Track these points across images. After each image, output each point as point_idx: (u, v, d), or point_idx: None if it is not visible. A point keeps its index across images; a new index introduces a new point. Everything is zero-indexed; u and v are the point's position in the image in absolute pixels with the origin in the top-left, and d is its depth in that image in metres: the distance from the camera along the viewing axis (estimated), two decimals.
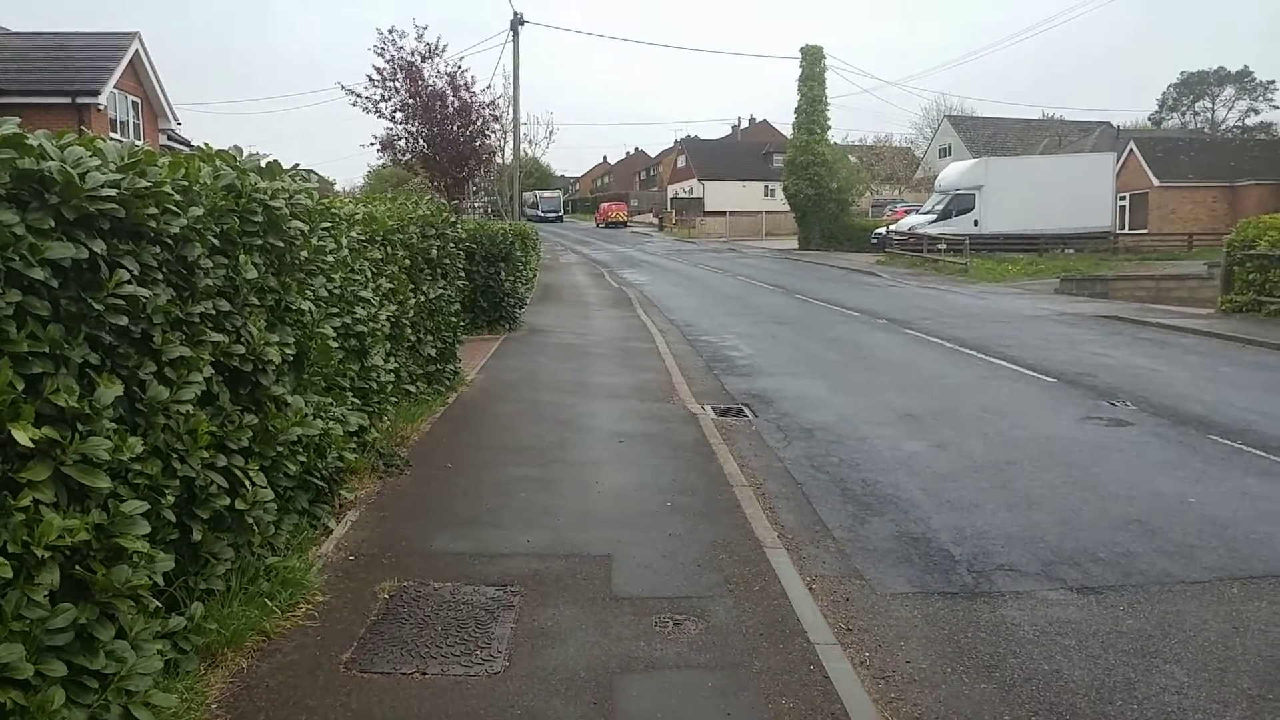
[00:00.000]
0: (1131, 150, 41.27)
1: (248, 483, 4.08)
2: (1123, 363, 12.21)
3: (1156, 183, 39.80)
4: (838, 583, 5.13)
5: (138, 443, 3.21)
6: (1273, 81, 74.44)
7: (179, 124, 26.92)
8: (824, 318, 18.32)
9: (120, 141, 4.51)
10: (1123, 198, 38.88)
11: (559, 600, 4.51)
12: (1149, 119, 77.32)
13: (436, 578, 4.74)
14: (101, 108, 21.70)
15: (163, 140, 25.39)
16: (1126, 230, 38.81)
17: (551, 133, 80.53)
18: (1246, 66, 76.85)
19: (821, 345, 14.51)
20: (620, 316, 18.61)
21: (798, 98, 43.40)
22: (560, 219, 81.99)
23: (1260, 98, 76.43)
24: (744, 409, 9.66)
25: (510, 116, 31.07)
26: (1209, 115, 78.78)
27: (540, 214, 77.24)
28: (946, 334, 15.20)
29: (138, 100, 24.18)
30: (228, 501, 3.92)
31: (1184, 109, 79.60)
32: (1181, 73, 79.44)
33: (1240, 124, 75.97)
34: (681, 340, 15.20)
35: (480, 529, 5.54)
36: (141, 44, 23.53)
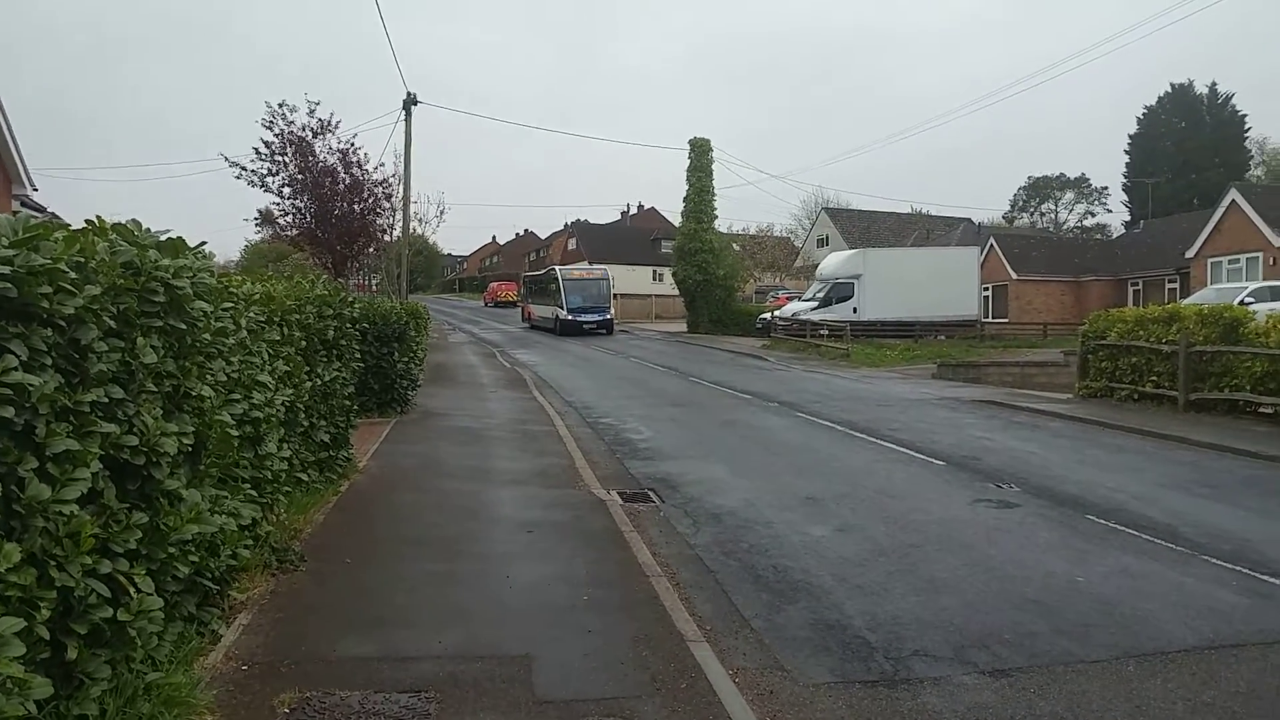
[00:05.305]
0: (992, 246, 44.57)
1: (132, 590, 3.70)
2: (1003, 446, 12.83)
3: (1014, 276, 42.97)
4: (760, 675, 5.05)
5: (15, 550, 2.88)
6: (1105, 188, 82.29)
7: (35, 190, 25.39)
8: (718, 400, 18.59)
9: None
10: (986, 289, 41.65)
11: (479, 706, 4.25)
12: (1004, 217, 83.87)
13: (343, 686, 4.39)
14: None
15: (15, 206, 23.82)
16: (990, 319, 41.51)
17: (443, 212, 74.50)
18: (1084, 174, 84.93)
19: (719, 428, 14.68)
20: (516, 398, 18.37)
21: (686, 187, 45.00)
22: (608, 327, 42.71)
23: (1095, 202, 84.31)
24: (650, 494, 9.60)
25: (401, 194, 30.86)
26: (1053, 216, 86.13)
27: (566, 316, 41.55)
28: (837, 417, 15.65)
29: None
30: (109, 613, 3.53)
31: (1032, 209, 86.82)
32: (1029, 177, 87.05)
33: (1080, 225, 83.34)
34: (581, 423, 15.09)
35: (388, 630, 5.21)
36: None
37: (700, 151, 44.85)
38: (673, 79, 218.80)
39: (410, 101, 29.41)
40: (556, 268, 46.86)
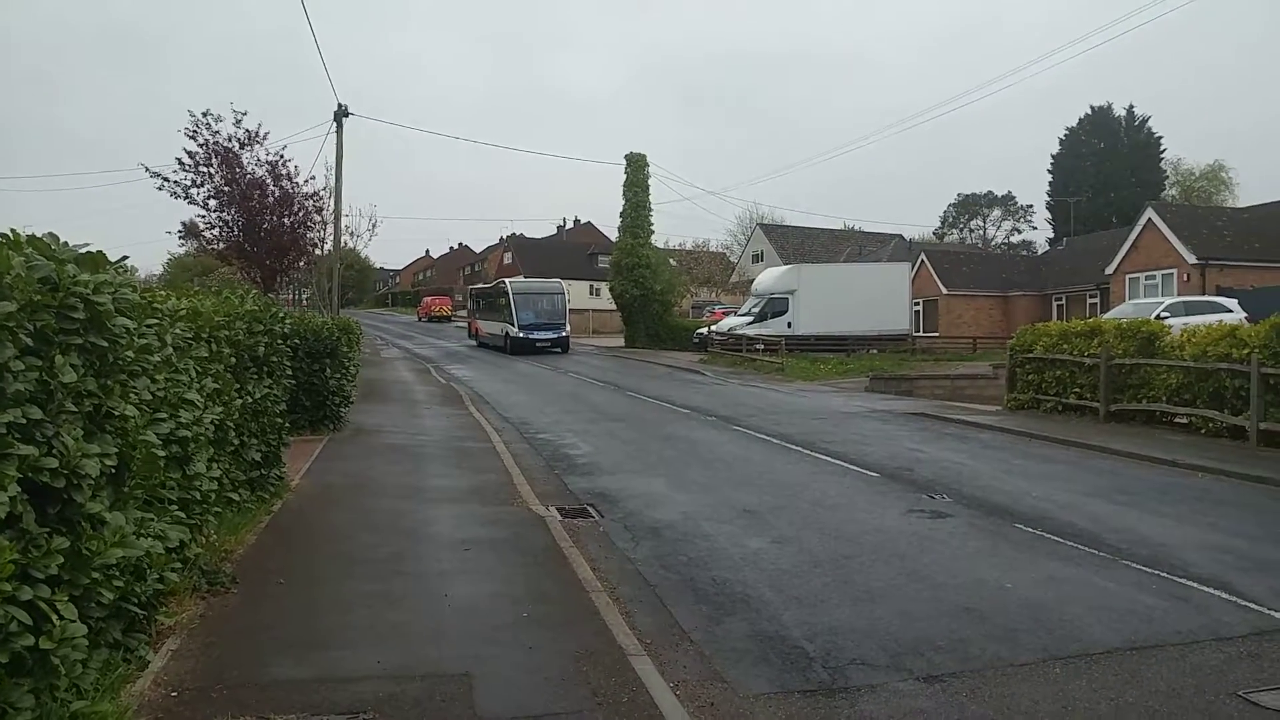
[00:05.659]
0: (923, 261, 45.77)
1: (55, 617, 3.56)
2: (934, 457, 13.14)
3: (945, 291, 44.16)
4: (701, 687, 5.07)
5: None
6: (1031, 206, 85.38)
7: None
8: (657, 415, 18.66)
9: None
10: (917, 303, 42.69)
11: None
12: (934, 233, 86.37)
13: (278, 710, 4.28)
14: None
15: None
16: (921, 333, 42.56)
17: (375, 225, 72.92)
18: (1010, 192, 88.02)
19: (657, 442, 14.73)
20: (452, 414, 18.15)
21: (623, 202, 45.08)
22: (564, 345, 40.08)
23: (1021, 219, 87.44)
24: (589, 509, 9.58)
25: (332, 207, 30.33)
26: (982, 232, 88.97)
27: (517, 334, 38.38)
28: (773, 430, 15.84)
29: None
30: (31, 641, 3.40)
31: (961, 226, 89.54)
32: (959, 194, 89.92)
33: (1007, 241, 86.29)
34: (519, 439, 14.99)
35: (324, 651, 5.10)
36: None
37: (637, 166, 45.00)
38: (610, 95, 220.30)
39: (341, 113, 28.99)
40: (506, 280, 43.03)
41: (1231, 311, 23.28)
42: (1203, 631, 5.93)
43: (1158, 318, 21.32)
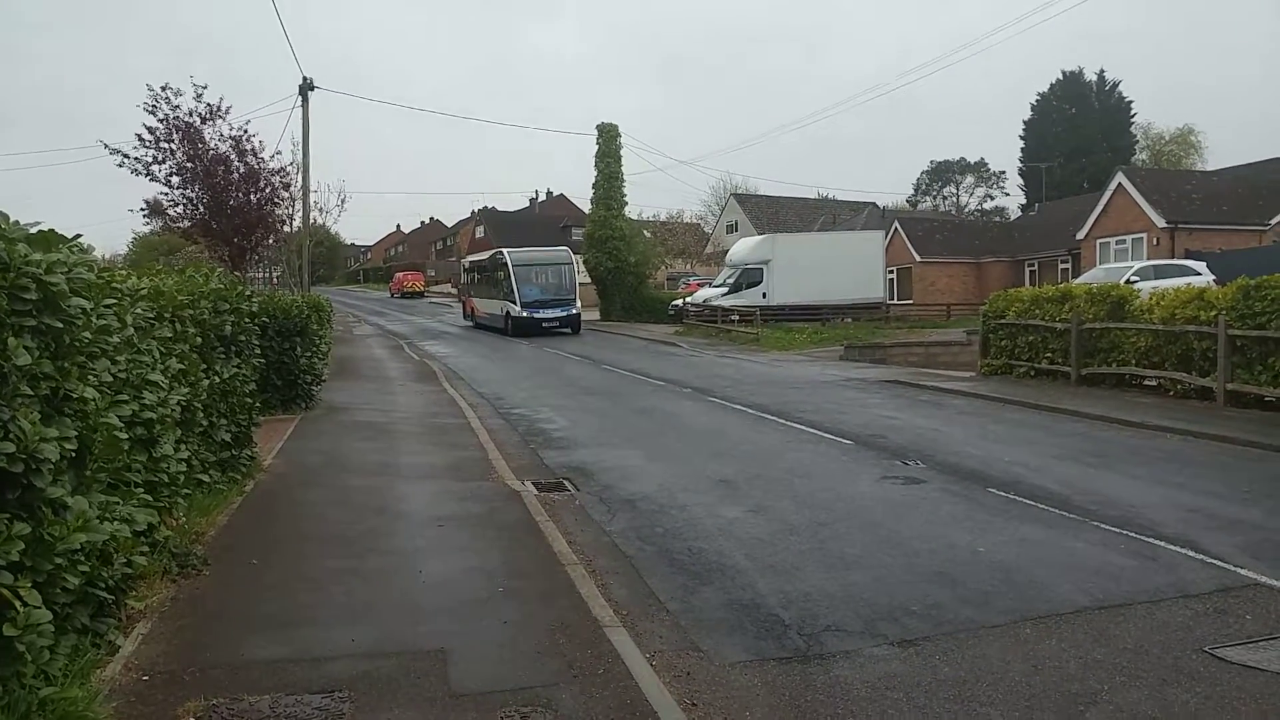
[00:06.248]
0: (897, 229, 45.90)
1: (18, 604, 3.49)
2: (908, 424, 13.23)
3: (918, 258, 44.37)
4: (676, 657, 5.10)
5: None
6: (1003, 172, 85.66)
7: None
8: (632, 388, 18.66)
9: None
10: (891, 271, 42.80)
11: (394, 703, 4.18)
12: (907, 201, 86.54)
13: (252, 690, 4.24)
14: None
15: None
16: (895, 301, 42.75)
17: (344, 201, 71.22)
18: (983, 158, 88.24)
19: (633, 415, 14.74)
20: (426, 391, 18.05)
21: (595, 174, 44.63)
22: (574, 324, 35.34)
23: (994, 186, 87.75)
24: (565, 483, 9.57)
25: (300, 183, 29.81)
26: (955, 199, 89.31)
27: (519, 313, 34.11)
28: (748, 401, 15.88)
29: None
30: None
31: (934, 193, 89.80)
32: (931, 161, 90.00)
33: (979, 208, 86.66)
34: (494, 414, 14.93)
35: (297, 630, 5.07)
36: None
37: (608, 137, 44.41)
38: (582, 65, 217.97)
39: (307, 87, 28.46)
40: (505, 250, 37.18)
41: (1200, 274, 23.53)
42: (1170, 589, 6.03)
43: (1127, 282, 21.55)
